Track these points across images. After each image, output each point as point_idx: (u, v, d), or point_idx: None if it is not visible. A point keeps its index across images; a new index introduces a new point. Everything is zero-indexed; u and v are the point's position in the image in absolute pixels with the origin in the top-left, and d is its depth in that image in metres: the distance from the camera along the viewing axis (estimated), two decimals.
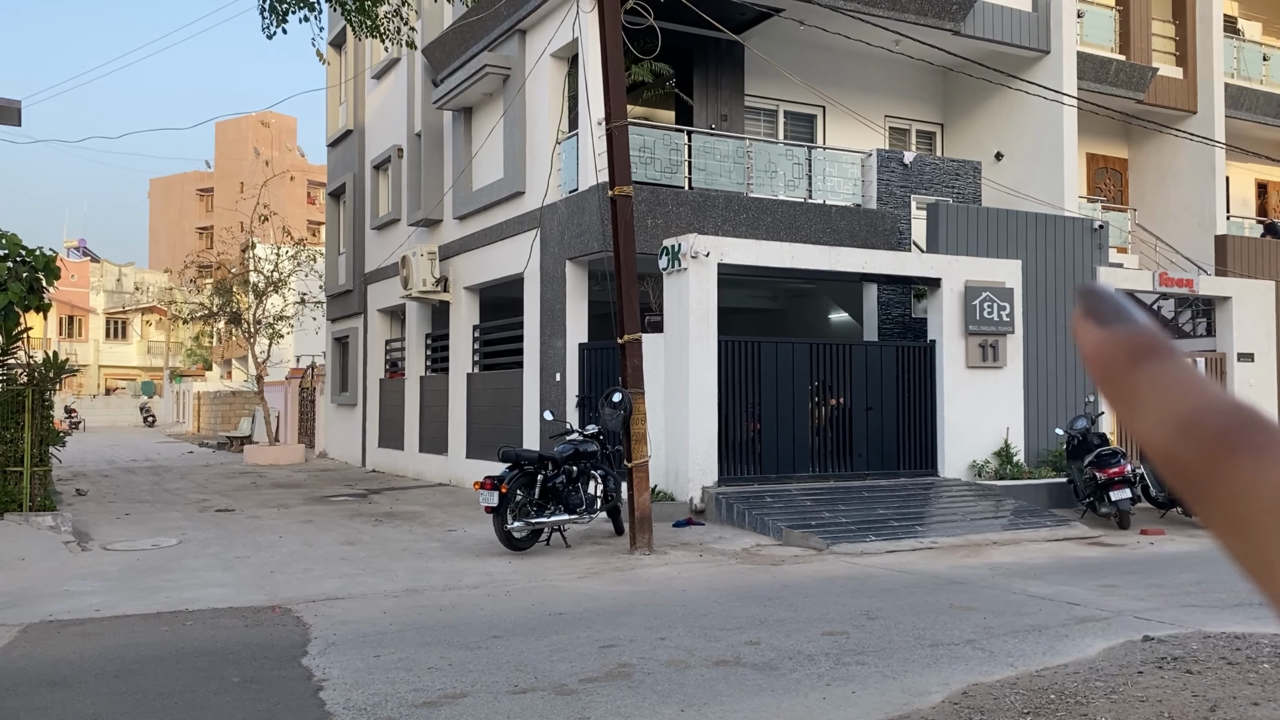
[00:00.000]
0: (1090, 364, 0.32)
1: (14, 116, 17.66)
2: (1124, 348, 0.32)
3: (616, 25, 10.45)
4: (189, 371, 52.45)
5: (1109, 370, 0.32)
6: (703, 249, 12.56)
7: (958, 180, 16.20)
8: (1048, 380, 15.03)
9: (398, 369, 21.12)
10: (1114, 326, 0.32)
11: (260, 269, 25.71)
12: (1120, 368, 0.32)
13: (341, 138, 24.19)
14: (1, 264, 11.33)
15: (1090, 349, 0.32)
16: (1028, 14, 16.91)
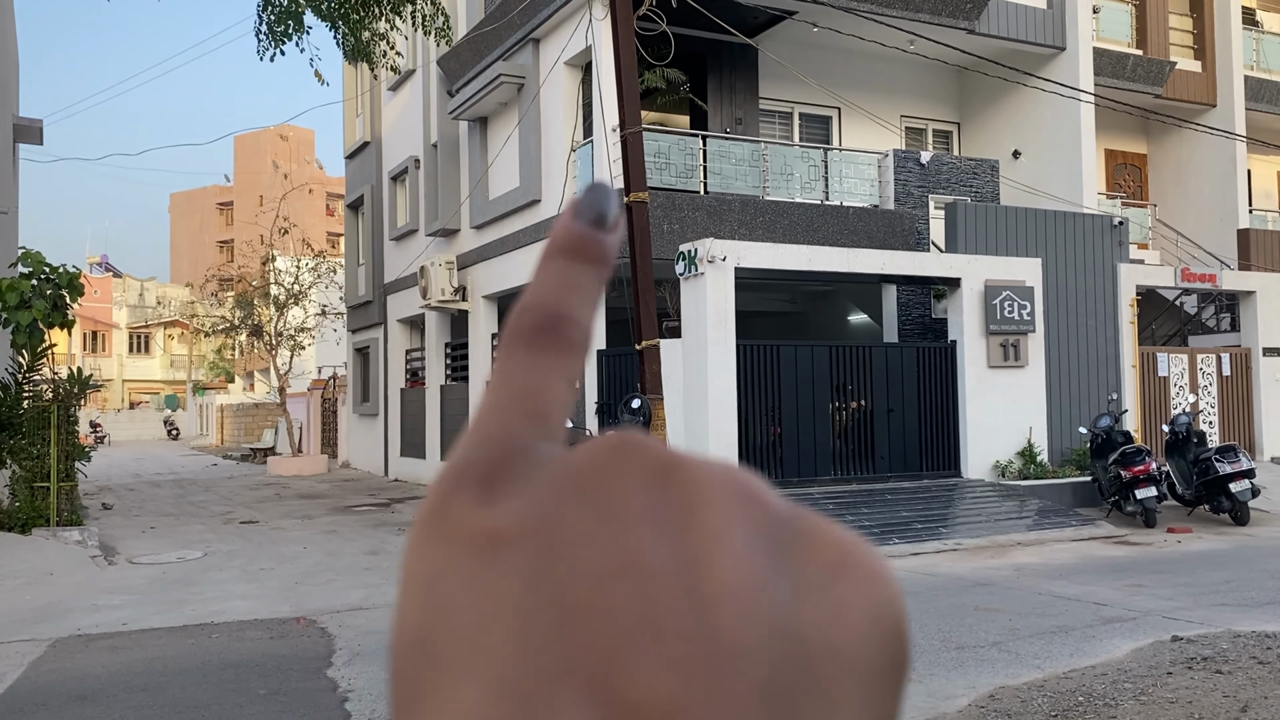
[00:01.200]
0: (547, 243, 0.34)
1: (36, 135, 17.88)
2: (558, 237, 0.33)
3: (629, 32, 10.46)
4: (212, 384, 52.82)
5: (543, 252, 0.33)
6: (719, 253, 12.55)
7: (975, 179, 16.13)
8: (1070, 378, 14.92)
9: (418, 378, 21.19)
10: (575, 221, 0.33)
11: (281, 281, 25.89)
12: (547, 251, 0.33)
13: (359, 150, 24.33)
14: (25, 281, 11.44)
15: (552, 231, 0.33)
16: (1043, 11, 16.82)
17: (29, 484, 11.37)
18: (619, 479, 0.28)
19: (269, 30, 5.39)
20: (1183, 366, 15.93)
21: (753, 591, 0.26)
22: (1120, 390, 15.19)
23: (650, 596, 0.26)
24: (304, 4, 5.27)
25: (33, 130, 17.47)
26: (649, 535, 0.27)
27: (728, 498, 0.29)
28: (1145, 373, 15.59)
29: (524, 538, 0.27)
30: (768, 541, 0.28)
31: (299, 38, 5.28)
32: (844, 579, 0.29)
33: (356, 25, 5.37)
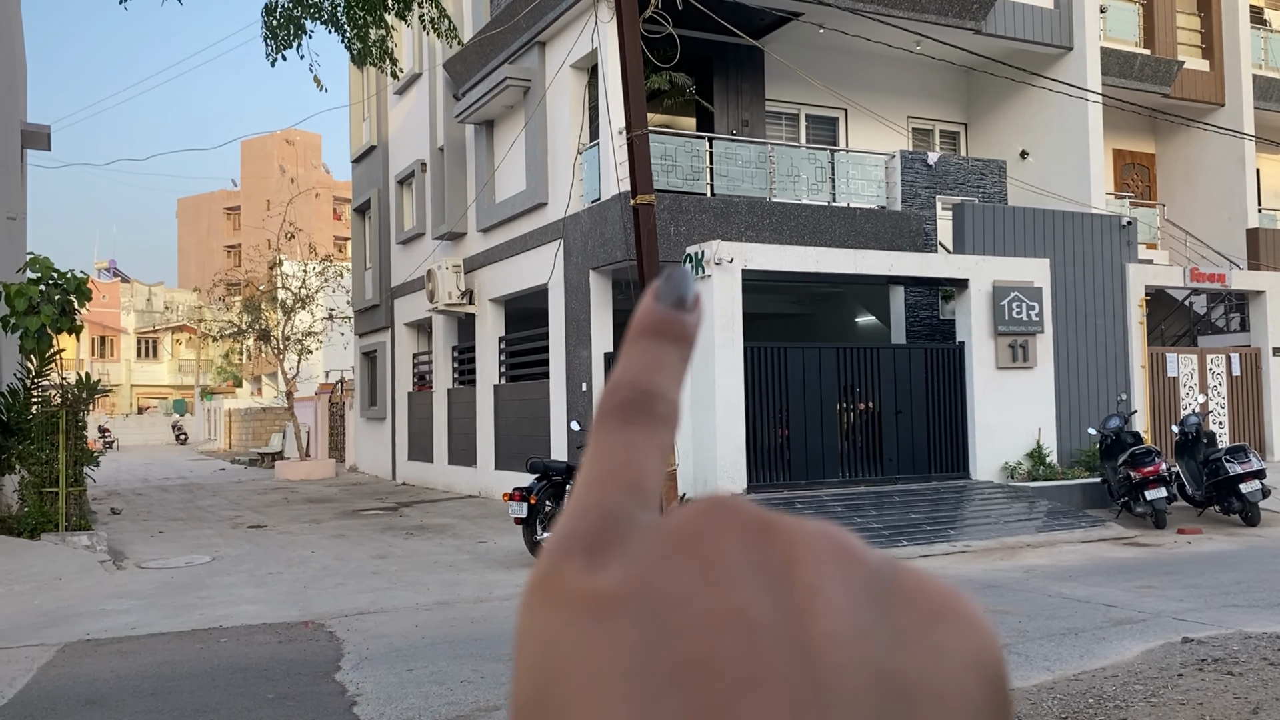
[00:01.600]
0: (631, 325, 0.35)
1: (43, 141, 17.95)
2: (642, 319, 0.35)
3: (635, 35, 10.45)
4: (220, 389, 52.94)
5: (628, 333, 0.35)
6: (726, 255, 12.53)
7: (983, 180, 16.09)
8: (1079, 379, 14.87)
9: (425, 382, 21.21)
10: (657, 304, 0.35)
11: (288, 286, 25.94)
12: (632, 333, 0.35)
13: (365, 154, 24.37)
14: (33, 287, 11.47)
15: (636, 314, 0.35)
16: (1050, 11, 16.77)
17: (37, 489, 11.40)
18: (718, 539, 0.30)
19: (272, 35, 5.39)
20: (1192, 367, 15.86)
21: (855, 639, 0.28)
22: (1129, 391, 15.13)
23: (757, 648, 0.27)
24: (304, 10, 5.27)
25: (40, 136, 17.54)
26: (752, 590, 0.28)
27: (824, 552, 0.30)
28: (1154, 373, 15.53)
29: (632, 599, 0.29)
30: (866, 592, 0.30)
31: (299, 43, 5.28)
32: (942, 625, 0.30)
33: (362, 27, 5.36)
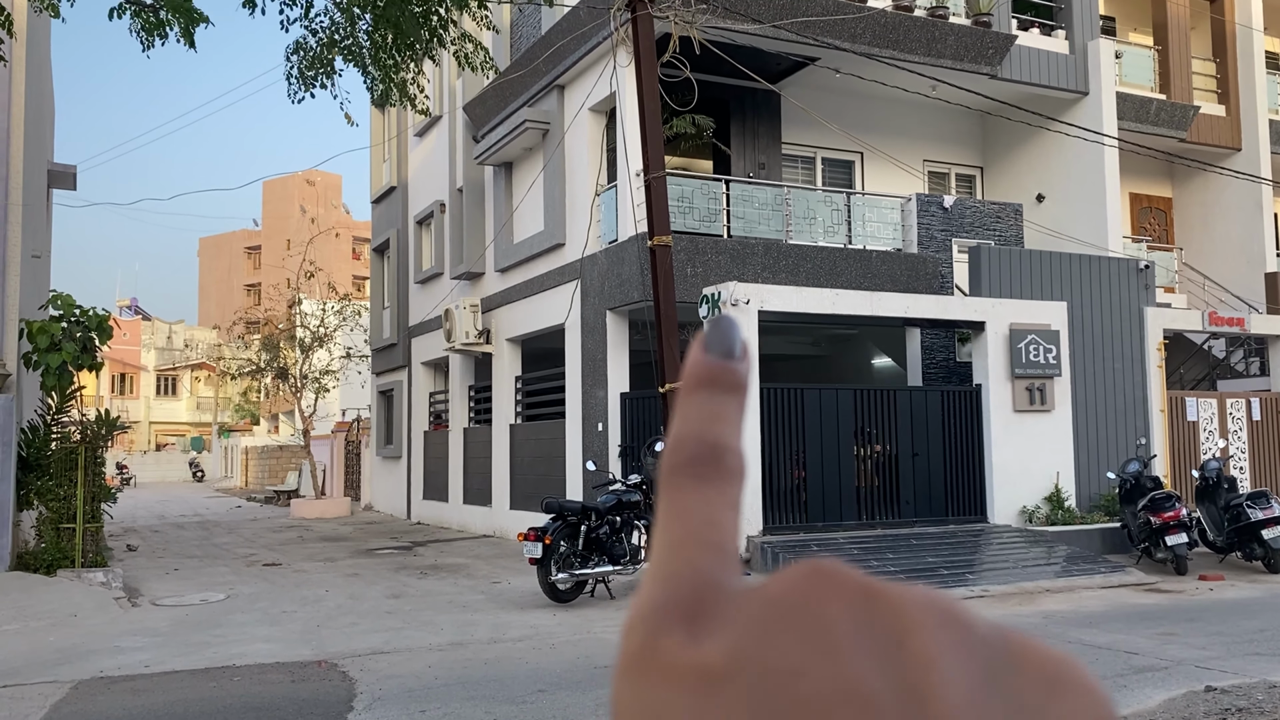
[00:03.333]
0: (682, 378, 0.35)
1: (69, 181, 18.20)
2: (694, 371, 0.34)
3: (654, 79, 10.57)
4: (237, 426, 53.14)
5: (681, 387, 0.35)
6: (743, 296, 12.56)
7: (999, 223, 16.12)
8: (1097, 423, 14.77)
9: (441, 421, 21.25)
10: (707, 355, 0.34)
11: (306, 324, 26.11)
12: (686, 386, 0.34)
13: (385, 194, 24.62)
14: (56, 324, 11.60)
15: (685, 366, 0.35)
16: (1065, 56, 16.88)
17: (55, 525, 11.45)
18: (824, 606, 0.29)
19: (299, 74, 5.49)
20: (1212, 411, 15.74)
21: (973, 715, 0.27)
22: (1148, 435, 15.02)
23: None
24: (334, 50, 5.37)
25: (66, 176, 17.78)
26: (864, 664, 0.27)
27: (934, 621, 0.29)
28: (1174, 417, 15.41)
29: (739, 672, 0.28)
30: (979, 662, 0.29)
31: (330, 83, 5.37)
32: (1061, 697, 0.29)
33: (390, 70, 5.46)
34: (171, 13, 4.73)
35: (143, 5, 4.73)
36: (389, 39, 5.27)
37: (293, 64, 5.44)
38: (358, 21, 5.25)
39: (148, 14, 4.77)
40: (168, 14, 4.75)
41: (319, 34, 5.40)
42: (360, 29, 5.27)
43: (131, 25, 4.78)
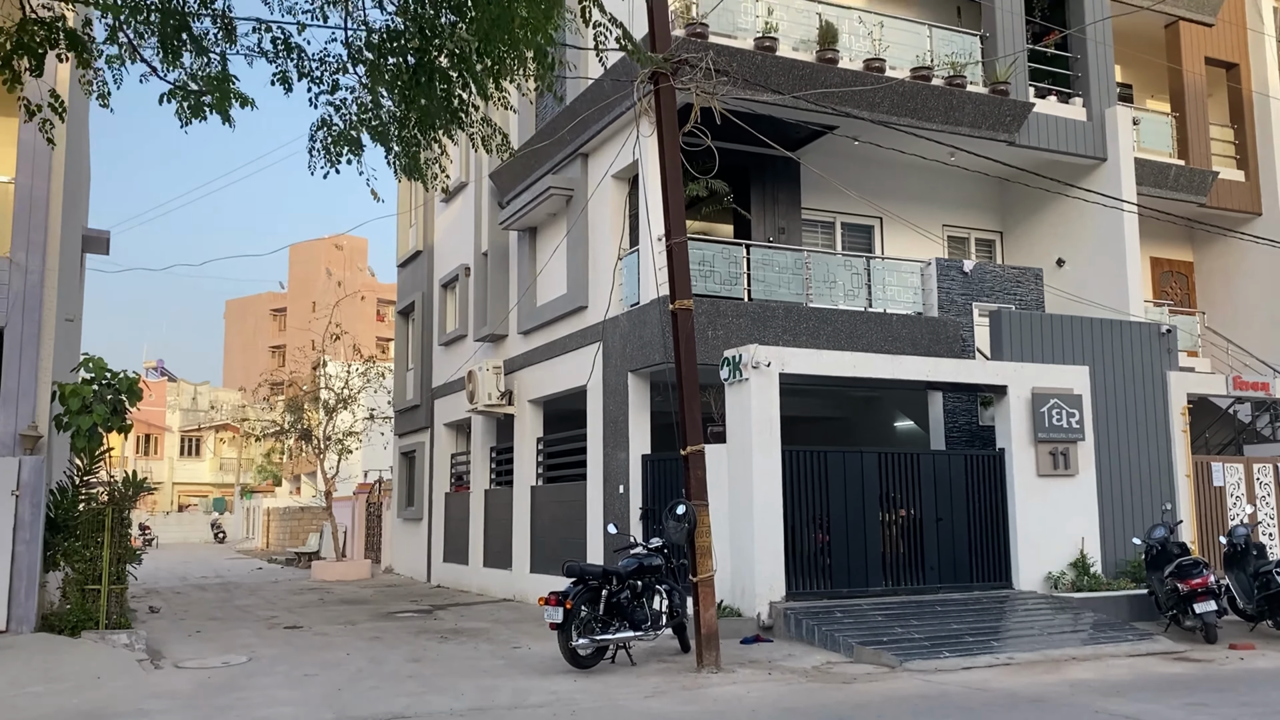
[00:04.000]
0: None
1: (103, 246, 18.57)
2: None
3: (675, 148, 10.78)
4: (259, 488, 53.33)
5: None
6: (764, 359, 12.64)
7: (1019, 287, 16.18)
8: (1122, 488, 14.66)
9: (463, 483, 21.29)
10: None
11: (331, 386, 26.35)
12: None
13: (411, 258, 24.99)
14: (87, 387, 11.79)
15: None
16: (1083, 123, 17.06)
17: (80, 586, 11.51)
18: None
19: (325, 149, 5.68)
20: (1239, 476, 15.59)
21: None
22: (1174, 500, 14.88)
23: None
24: (360, 127, 5.57)
25: (100, 241, 18.15)
26: None
27: None
28: (1200, 482, 15.27)
29: None
30: None
31: (355, 159, 5.58)
32: None
33: (412, 148, 5.65)
34: (214, 96, 4.94)
35: (189, 91, 4.94)
36: (412, 119, 5.46)
37: (317, 140, 5.64)
38: (382, 102, 5.45)
39: (194, 97, 4.98)
40: (211, 97, 4.96)
41: (344, 110, 5.61)
42: (384, 108, 5.47)
43: (178, 109, 4.99)
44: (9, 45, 5.03)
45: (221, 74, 5.11)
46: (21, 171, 11.71)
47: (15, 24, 5.12)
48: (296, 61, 5.30)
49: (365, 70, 5.39)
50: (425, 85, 5.30)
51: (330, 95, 5.49)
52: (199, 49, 5.10)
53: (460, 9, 5.17)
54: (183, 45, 5.02)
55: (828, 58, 14.67)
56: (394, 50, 5.28)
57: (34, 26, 5.07)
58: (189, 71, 5.11)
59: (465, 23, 5.13)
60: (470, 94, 5.69)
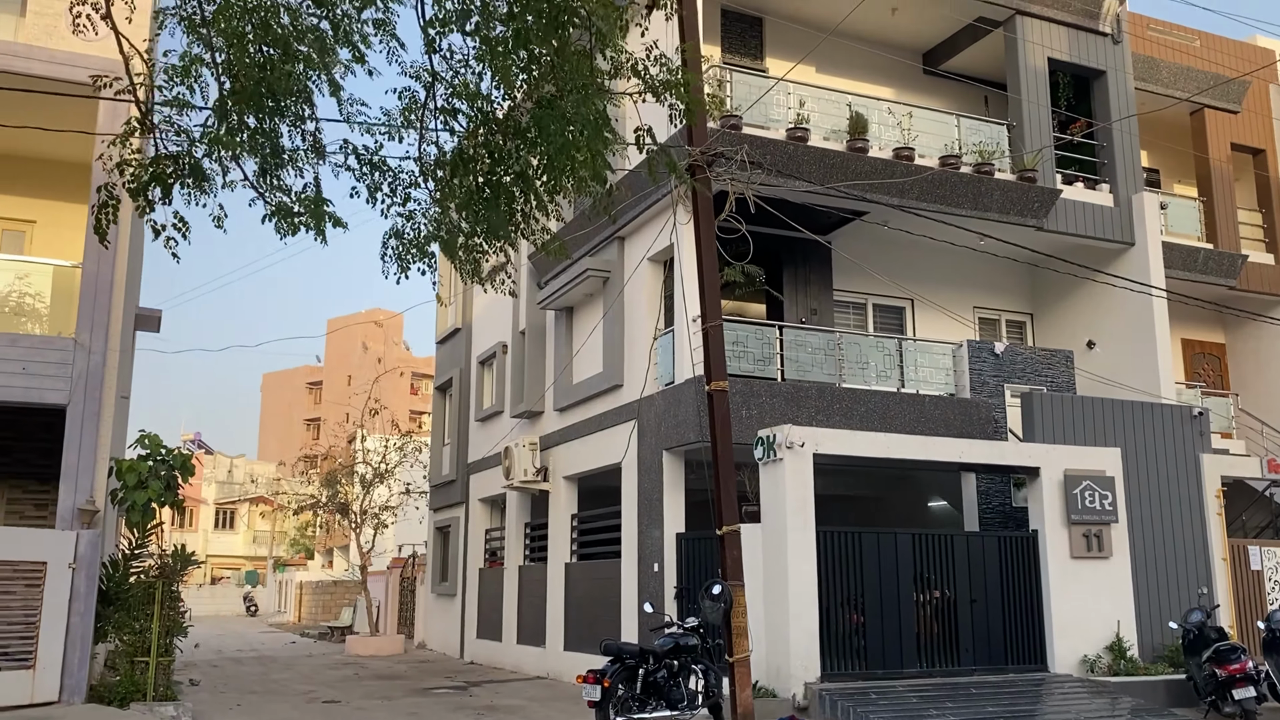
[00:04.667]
0: None
1: (154, 324, 19.19)
2: None
3: (711, 236, 11.20)
4: (292, 561, 53.57)
5: None
6: (797, 440, 12.84)
7: (1050, 369, 16.35)
8: (1158, 571, 14.63)
9: (497, 558, 21.46)
10: None
11: (368, 460, 26.74)
12: None
13: (450, 335, 25.53)
14: (143, 463, 12.22)
15: None
16: (1110, 209, 17.37)
17: (130, 658, 11.79)
18: None
19: (397, 256, 6.16)
20: (1276, 560, 15.50)
21: None
22: (1211, 584, 14.81)
23: None
24: (430, 238, 6.03)
25: (151, 319, 18.75)
26: None
27: None
28: (1237, 566, 15.20)
29: None
30: None
31: (426, 266, 6.03)
32: None
33: (476, 255, 6.10)
34: (311, 218, 5.43)
35: (289, 213, 5.43)
36: (479, 231, 5.92)
37: (389, 248, 6.13)
38: (451, 215, 5.92)
39: (292, 218, 5.46)
40: (307, 219, 5.45)
41: (414, 221, 6.09)
42: (452, 221, 5.94)
43: (277, 226, 5.47)
44: (144, 177, 5.58)
45: (317, 196, 5.61)
46: (88, 257, 12.31)
47: (150, 159, 5.67)
48: (376, 177, 5.78)
49: (436, 186, 5.86)
50: (491, 202, 5.75)
51: (402, 207, 5.98)
52: (294, 168, 5.61)
53: (526, 137, 5.66)
54: (281, 165, 5.53)
55: (858, 147, 15.14)
56: (464, 171, 5.75)
57: (165, 161, 5.64)
58: (283, 187, 5.61)
59: (531, 150, 5.63)
60: (531, 208, 6.13)
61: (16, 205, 14.52)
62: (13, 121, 11.39)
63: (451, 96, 5.64)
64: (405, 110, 5.72)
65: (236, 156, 5.47)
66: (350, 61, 5.28)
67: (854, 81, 17.40)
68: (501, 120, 5.80)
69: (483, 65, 5.33)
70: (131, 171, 5.65)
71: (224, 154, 5.34)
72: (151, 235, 5.48)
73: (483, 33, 5.25)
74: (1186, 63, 19.51)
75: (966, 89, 18.50)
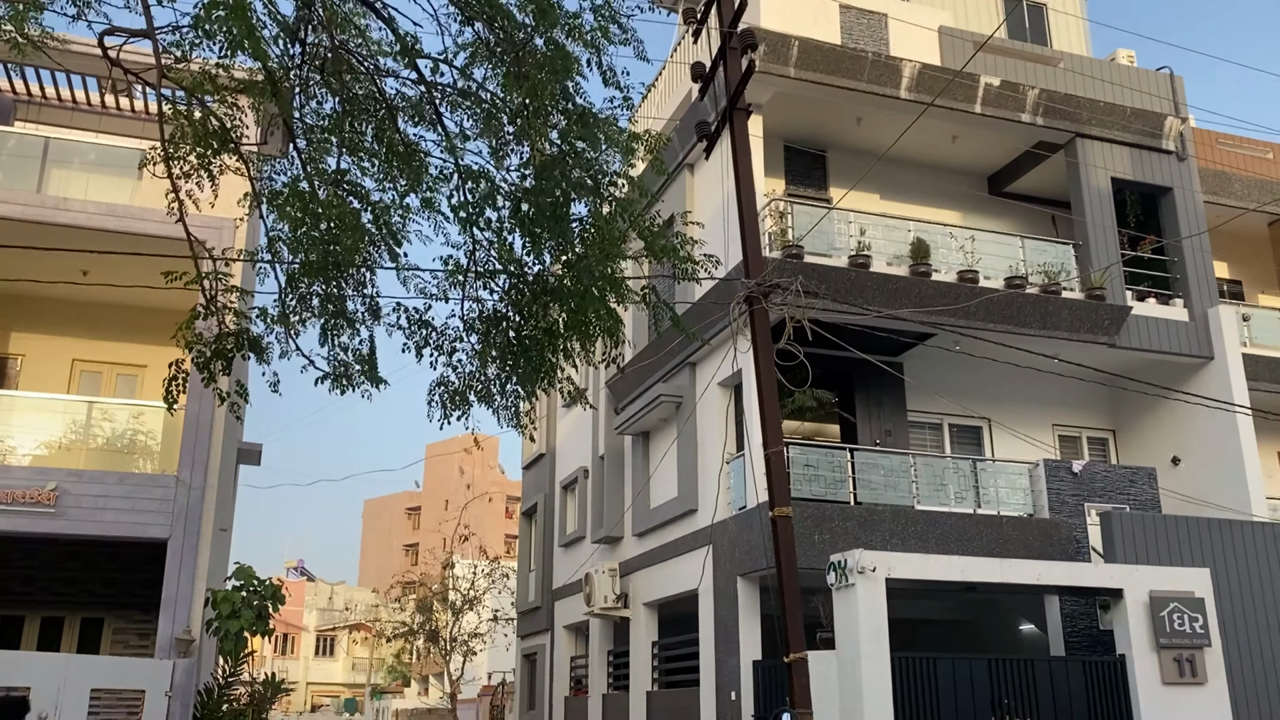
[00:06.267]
0: None
1: (254, 458, 20.22)
2: None
3: (770, 364, 11.53)
4: (389, 688, 53.82)
5: None
6: (869, 564, 12.80)
7: (1133, 487, 16.04)
8: (1260, 697, 13.98)
9: (582, 686, 21.46)
10: None
11: (458, 587, 27.22)
12: None
13: (535, 461, 26.14)
14: (236, 594, 12.86)
15: None
16: (1185, 324, 17.21)
17: None
18: None
19: (442, 403, 6.81)
20: None
21: None
22: None
23: None
24: (469, 389, 6.67)
25: (252, 453, 19.79)
26: None
27: None
28: None
29: None
30: None
31: (465, 415, 6.66)
32: None
33: (512, 401, 6.70)
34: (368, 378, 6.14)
35: (348, 375, 6.16)
36: (512, 380, 6.53)
37: (436, 395, 6.79)
38: (489, 367, 6.57)
39: (345, 378, 6.17)
40: (363, 378, 6.17)
41: (458, 370, 6.76)
42: (490, 372, 6.59)
43: (330, 385, 6.18)
44: (208, 353, 6.38)
45: (371, 355, 6.37)
46: (191, 400, 13.26)
47: (213, 337, 6.48)
48: (425, 335, 6.49)
49: (477, 339, 6.52)
50: (522, 353, 6.35)
51: (448, 359, 6.64)
52: (352, 329, 6.36)
53: (553, 294, 6.32)
54: (340, 328, 6.30)
55: (920, 271, 15.45)
56: (499, 327, 6.38)
57: (227, 338, 6.46)
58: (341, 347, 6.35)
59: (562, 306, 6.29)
60: (558, 358, 6.73)
61: (131, 351, 15.72)
62: (127, 278, 12.53)
63: (489, 260, 6.29)
64: (451, 272, 6.38)
65: (298, 326, 6.21)
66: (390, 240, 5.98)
67: (919, 207, 17.83)
68: (531, 280, 6.43)
69: (513, 235, 6.00)
70: (198, 348, 6.42)
71: (283, 329, 6.07)
72: (217, 401, 6.20)
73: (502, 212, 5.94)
74: (1260, 173, 19.46)
75: (1033, 210, 18.75)
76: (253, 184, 6.40)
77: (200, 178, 6.33)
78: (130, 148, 14.59)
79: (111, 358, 15.88)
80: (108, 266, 13.40)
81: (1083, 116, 17.34)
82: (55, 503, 12.47)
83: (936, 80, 16.13)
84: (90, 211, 13.52)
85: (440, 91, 5.80)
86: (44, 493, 12.44)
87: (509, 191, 5.89)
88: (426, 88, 5.79)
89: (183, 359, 6.53)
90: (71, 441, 13.84)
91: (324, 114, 6.12)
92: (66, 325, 15.64)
